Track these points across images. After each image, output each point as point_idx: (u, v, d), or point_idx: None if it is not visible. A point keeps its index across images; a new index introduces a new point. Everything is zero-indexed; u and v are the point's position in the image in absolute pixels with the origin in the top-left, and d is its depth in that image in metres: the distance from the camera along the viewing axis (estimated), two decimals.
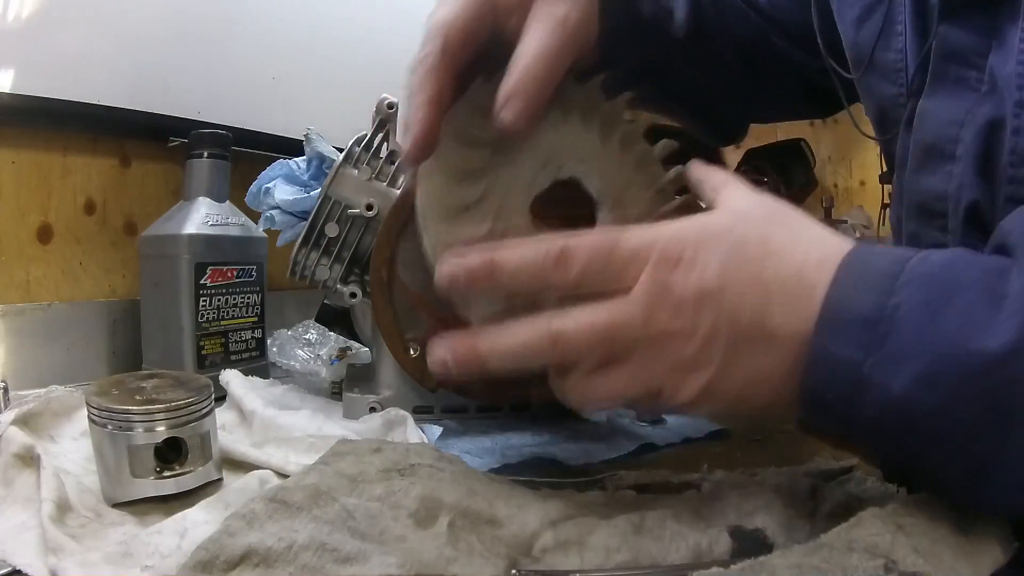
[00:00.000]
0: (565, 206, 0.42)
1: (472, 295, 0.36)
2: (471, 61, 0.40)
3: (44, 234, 0.72)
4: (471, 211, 0.38)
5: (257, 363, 0.69)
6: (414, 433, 0.49)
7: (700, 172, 0.41)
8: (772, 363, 0.31)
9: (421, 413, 0.54)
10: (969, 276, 0.28)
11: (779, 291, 0.31)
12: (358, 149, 0.54)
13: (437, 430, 0.51)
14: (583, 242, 0.33)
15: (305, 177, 0.62)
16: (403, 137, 0.38)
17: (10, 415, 0.43)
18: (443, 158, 0.38)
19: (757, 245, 0.32)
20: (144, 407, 0.37)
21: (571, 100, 0.42)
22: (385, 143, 0.55)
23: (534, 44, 0.38)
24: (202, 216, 0.65)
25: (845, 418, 0.29)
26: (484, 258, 0.33)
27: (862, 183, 2.05)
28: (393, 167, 0.54)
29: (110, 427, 0.37)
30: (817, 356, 0.29)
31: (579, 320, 0.32)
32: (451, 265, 0.34)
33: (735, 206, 0.35)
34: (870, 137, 0.55)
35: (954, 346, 0.26)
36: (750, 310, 0.31)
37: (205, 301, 0.64)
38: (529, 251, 0.33)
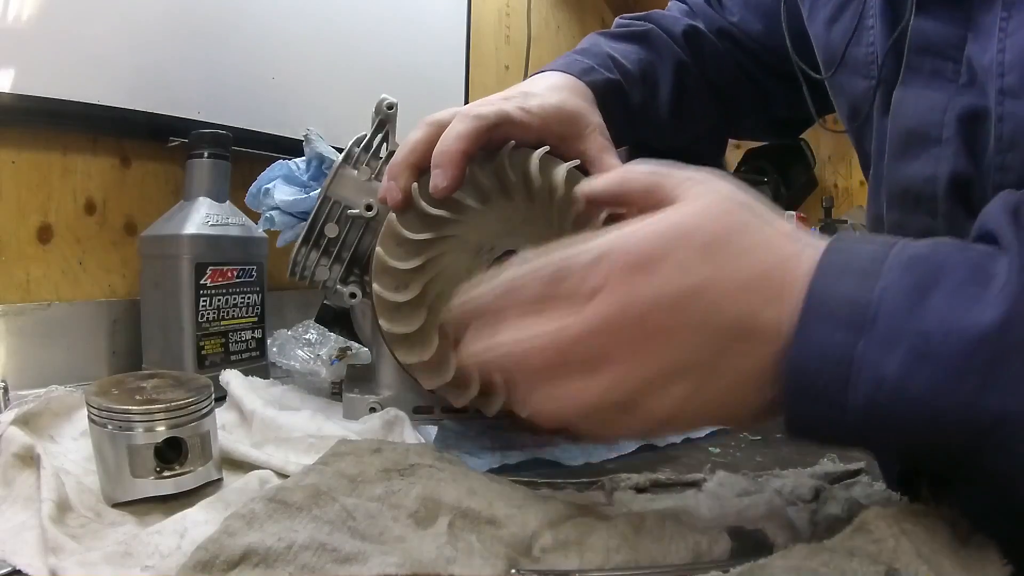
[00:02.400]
0: None
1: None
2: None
3: (44, 234, 0.72)
4: (406, 308, 0.45)
5: (257, 363, 0.69)
6: (412, 434, 0.49)
7: (655, 174, 0.36)
8: (757, 362, 0.29)
9: (421, 413, 0.54)
10: (955, 259, 0.28)
11: (761, 287, 0.29)
12: (358, 149, 0.54)
13: (435, 430, 0.51)
14: (535, 263, 0.32)
15: (305, 177, 0.62)
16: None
17: (10, 415, 0.43)
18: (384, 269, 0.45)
19: (734, 241, 0.30)
20: (144, 407, 0.37)
21: (485, 183, 0.46)
22: (385, 143, 0.55)
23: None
24: (202, 216, 0.65)
25: (838, 406, 0.28)
26: (466, 305, 0.34)
27: (862, 183, 2.04)
28: None
29: (110, 427, 0.37)
30: (805, 343, 0.28)
31: (530, 334, 0.31)
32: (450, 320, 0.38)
33: (701, 201, 0.32)
34: (833, 131, 0.58)
35: (946, 322, 0.26)
36: (732, 309, 0.29)
37: (205, 301, 0.64)
38: (497, 283, 0.33)
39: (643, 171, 0.36)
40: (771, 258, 0.30)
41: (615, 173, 0.38)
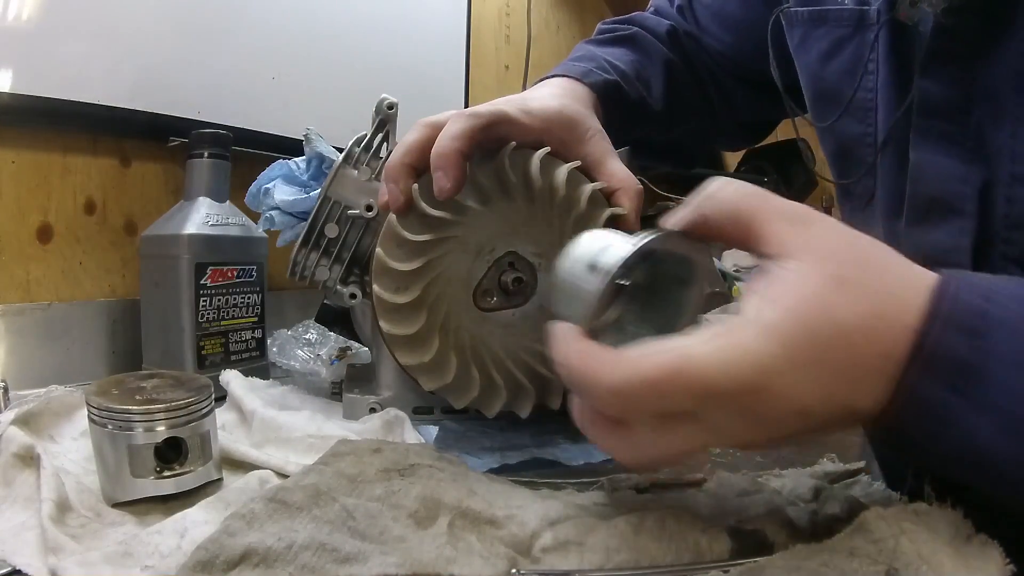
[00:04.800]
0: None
1: None
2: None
3: (44, 234, 0.72)
4: (406, 310, 0.45)
5: (257, 363, 0.69)
6: (412, 434, 0.49)
7: (739, 206, 0.31)
8: (848, 424, 0.30)
9: (421, 414, 0.54)
10: None
11: (860, 377, 0.28)
12: (358, 149, 0.54)
13: (435, 430, 0.51)
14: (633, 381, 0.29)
15: (305, 177, 0.62)
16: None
17: (10, 415, 0.43)
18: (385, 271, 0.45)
19: (827, 350, 0.28)
20: (144, 407, 0.37)
21: (486, 184, 0.46)
22: (385, 143, 0.55)
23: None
24: (202, 216, 0.65)
25: (924, 451, 0.29)
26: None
27: None
28: None
29: (110, 427, 0.37)
30: (908, 393, 0.28)
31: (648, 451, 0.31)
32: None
33: (789, 299, 0.29)
34: (829, 181, 0.56)
35: None
36: (826, 409, 0.28)
37: (205, 301, 0.64)
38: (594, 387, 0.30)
39: (727, 201, 0.32)
40: (868, 341, 0.28)
41: (692, 208, 0.33)
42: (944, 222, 0.43)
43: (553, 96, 0.52)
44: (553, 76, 0.58)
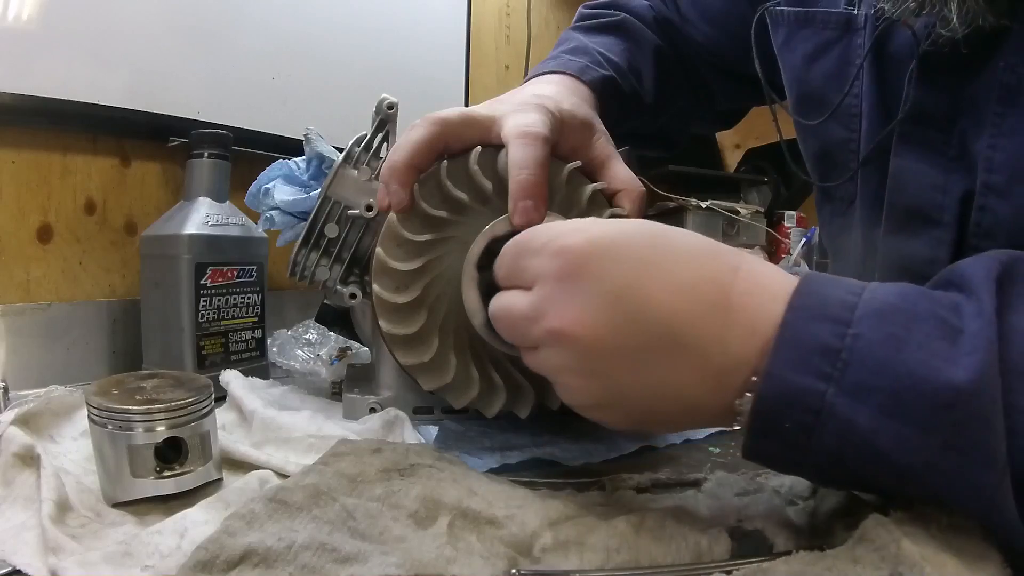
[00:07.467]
0: None
1: None
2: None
3: (44, 234, 0.72)
4: (406, 310, 0.45)
5: (257, 363, 0.69)
6: (412, 434, 0.49)
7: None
8: (684, 376, 0.30)
9: (421, 414, 0.54)
10: (923, 308, 0.28)
11: (697, 303, 0.30)
12: (358, 149, 0.54)
13: (435, 430, 0.51)
14: (510, 242, 0.36)
15: (305, 177, 0.62)
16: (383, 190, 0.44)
17: (10, 415, 0.43)
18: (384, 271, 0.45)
19: (660, 246, 0.32)
20: (144, 407, 0.37)
21: (486, 184, 0.45)
22: (385, 143, 0.55)
23: (518, 155, 0.41)
24: (202, 216, 0.65)
25: (801, 447, 0.28)
26: None
27: None
28: None
29: (110, 427, 0.37)
30: (774, 384, 0.28)
31: (498, 303, 0.36)
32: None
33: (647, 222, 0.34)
34: (811, 182, 0.56)
35: (920, 379, 0.26)
36: (658, 318, 0.30)
37: (205, 301, 0.64)
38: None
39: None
40: (702, 269, 0.31)
41: None
42: (922, 232, 0.43)
43: (563, 96, 0.52)
44: (550, 72, 0.57)
